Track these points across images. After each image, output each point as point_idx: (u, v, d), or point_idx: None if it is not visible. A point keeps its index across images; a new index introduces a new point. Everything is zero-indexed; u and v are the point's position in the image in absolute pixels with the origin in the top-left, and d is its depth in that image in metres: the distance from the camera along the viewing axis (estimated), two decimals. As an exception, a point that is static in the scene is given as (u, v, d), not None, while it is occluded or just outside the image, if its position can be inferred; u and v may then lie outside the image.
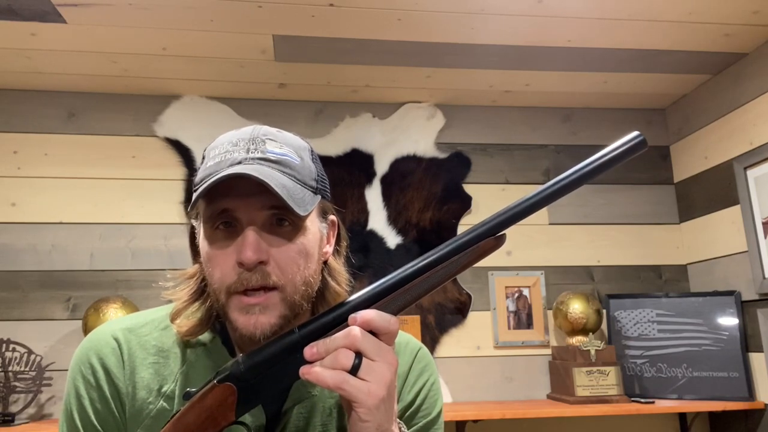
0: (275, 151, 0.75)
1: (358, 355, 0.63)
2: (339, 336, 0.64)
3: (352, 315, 0.65)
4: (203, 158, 0.78)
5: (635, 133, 0.68)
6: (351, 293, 0.83)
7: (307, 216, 0.74)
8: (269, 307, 0.71)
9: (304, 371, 0.64)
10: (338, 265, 0.84)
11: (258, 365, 0.66)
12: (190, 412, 0.68)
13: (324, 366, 0.63)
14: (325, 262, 0.81)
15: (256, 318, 0.71)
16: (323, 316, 0.67)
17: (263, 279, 0.71)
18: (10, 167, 2.31)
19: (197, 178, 0.76)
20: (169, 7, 1.83)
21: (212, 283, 0.75)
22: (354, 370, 0.62)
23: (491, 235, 0.67)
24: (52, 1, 1.79)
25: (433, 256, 0.67)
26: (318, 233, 0.78)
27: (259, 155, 0.74)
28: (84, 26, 1.93)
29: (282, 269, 0.72)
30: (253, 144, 0.75)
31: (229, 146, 0.75)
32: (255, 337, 0.71)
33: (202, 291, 0.80)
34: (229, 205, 0.72)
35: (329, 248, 0.82)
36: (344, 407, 0.67)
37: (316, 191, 0.77)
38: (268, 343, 0.68)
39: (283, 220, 0.73)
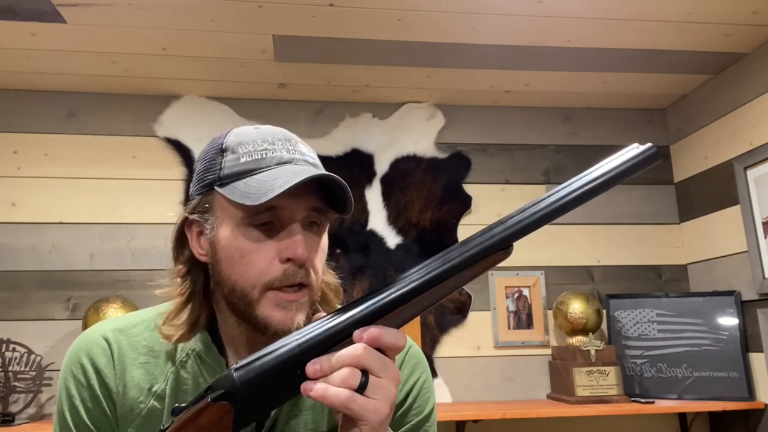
0: (310, 153, 0.77)
1: (365, 372, 0.60)
2: (344, 353, 0.60)
3: (357, 331, 0.61)
4: (222, 151, 0.75)
5: (648, 144, 0.63)
6: (344, 297, 0.82)
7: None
8: (303, 305, 0.73)
9: (307, 388, 0.60)
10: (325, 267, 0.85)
11: (255, 381, 0.61)
12: (183, 431, 0.64)
13: (329, 383, 0.60)
14: None
15: (293, 314, 0.72)
16: (323, 326, 0.63)
17: (306, 276, 0.72)
18: (10, 167, 2.31)
19: (228, 171, 0.73)
20: (169, 7, 1.83)
21: (242, 279, 0.73)
22: (361, 389, 0.59)
23: (500, 248, 0.63)
24: (52, 1, 1.79)
25: (441, 269, 0.62)
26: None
27: (299, 156, 0.75)
28: (84, 26, 1.93)
29: (314, 269, 0.74)
30: (289, 144, 0.76)
31: (265, 144, 0.75)
32: (288, 332, 0.66)
33: (192, 292, 0.79)
34: (280, 203, 0.71)
35: None
36: (334, 416, 0.66)
37: None
38: (264, 355, 0.62)
39: (313, 222, 0.75)
